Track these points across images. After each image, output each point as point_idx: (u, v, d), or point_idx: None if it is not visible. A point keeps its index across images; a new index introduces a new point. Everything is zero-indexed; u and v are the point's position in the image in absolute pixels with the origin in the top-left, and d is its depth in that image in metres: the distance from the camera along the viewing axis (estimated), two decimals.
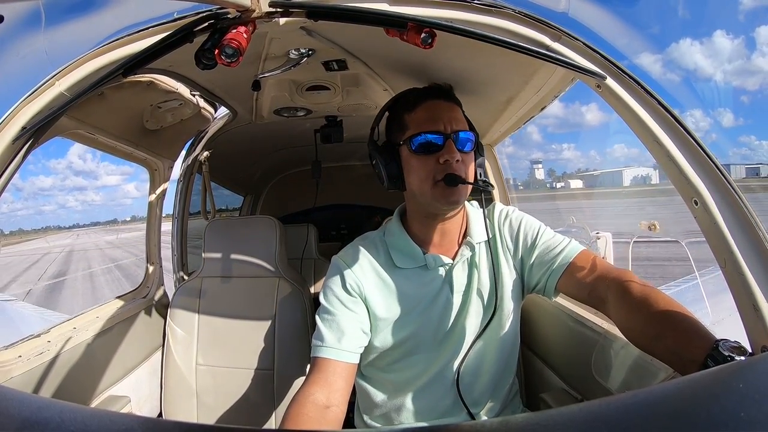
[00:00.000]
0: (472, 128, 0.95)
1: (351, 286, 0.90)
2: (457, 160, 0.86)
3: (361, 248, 0.95)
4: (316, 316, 0.90)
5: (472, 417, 0.93)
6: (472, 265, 0.94)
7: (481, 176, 0.94)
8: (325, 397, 0.78)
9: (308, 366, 1.00)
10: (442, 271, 0.94)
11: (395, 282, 0.92)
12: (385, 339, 0.92)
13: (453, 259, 0.94)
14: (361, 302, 0.90)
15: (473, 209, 1.00)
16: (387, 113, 0.97)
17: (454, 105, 0.92)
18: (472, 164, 0.91)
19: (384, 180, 0.93)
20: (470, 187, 0.89)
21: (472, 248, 0.94)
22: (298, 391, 0.80)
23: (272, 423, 1.35)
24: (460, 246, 0.95)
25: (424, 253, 0.93)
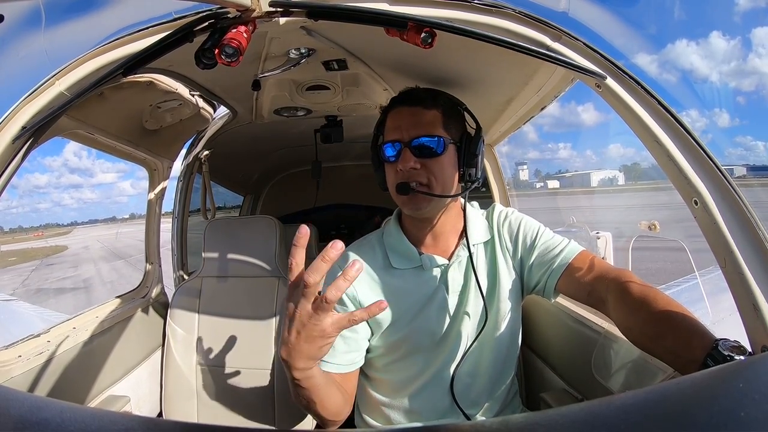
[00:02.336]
0: (477, 125, 0.94)
1: (346, 297, 0.90)
2: (414, 168, 0.85)
3: (357, 253, 0.95)
4: None
5: (468, 418, 0.93)
6: (468, 266, 0.94)
7: (470, 177, 0.91)
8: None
9: None
10: (437, 271, 0.93)
11: (392, 283, 0.92)
12: (382, 340, 0.92)
13: (449, 259, 0.94)
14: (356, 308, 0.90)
15: (472, 210, 0.99)
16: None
17: (419, 109, 0.89)
18: (444, 168, 0.88)
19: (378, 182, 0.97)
20: (437, 192, 0.87)
21: (470, 249, 0.94)
22: None
23: (272, 423, 1.35)
24: (456, 247, 0.95)
25: (420, 254, 0.93)
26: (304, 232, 0.57)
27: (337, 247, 0.55)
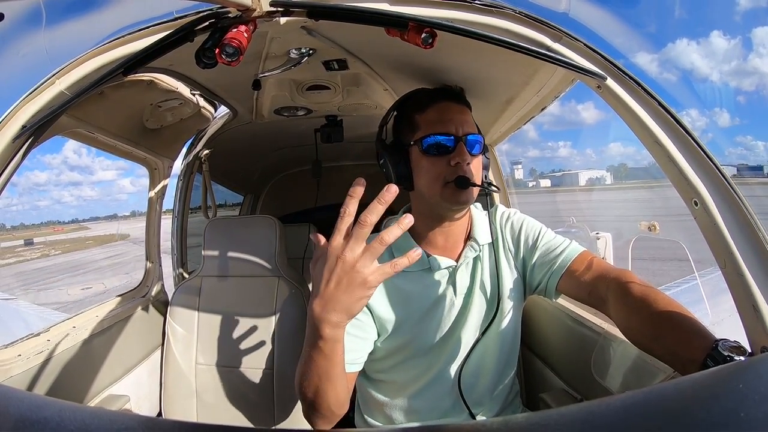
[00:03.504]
0: (478, 130, 0.95)
1: None
2: (468, 163, 0.86)
3: None
4: None
5: (473, 417, 0.93)
6: (475, 267, 0.94)
7: (486, 178, 0.94)
8: None
9: None
10: (445, 273, 0.93)
11: (398, 285, 0.91)
12: (387, 342, 0.91)
13: (456, 261, 0.94)
14: (365, 309, 0.89)
15: (477, 211, 1.00)
16: (395, 112, 0.97)
17: (464, 107, 0.92)
18: (481, 167, 0.91)
19: (393, 179, 0.91)
20: (478, 189, 0.90)
21: (476, 250, 0.94)
22: None
23: (272, 423, 1.35)
24: (463, 248, 0.95)
25: (428, 256, 0.93)
26: (361, 183, 0.58)
27: (391, 190, 0.55)
